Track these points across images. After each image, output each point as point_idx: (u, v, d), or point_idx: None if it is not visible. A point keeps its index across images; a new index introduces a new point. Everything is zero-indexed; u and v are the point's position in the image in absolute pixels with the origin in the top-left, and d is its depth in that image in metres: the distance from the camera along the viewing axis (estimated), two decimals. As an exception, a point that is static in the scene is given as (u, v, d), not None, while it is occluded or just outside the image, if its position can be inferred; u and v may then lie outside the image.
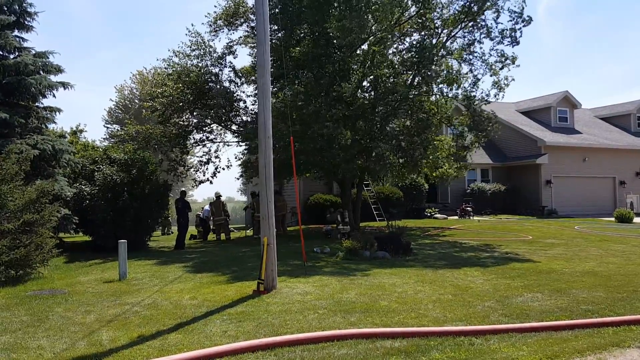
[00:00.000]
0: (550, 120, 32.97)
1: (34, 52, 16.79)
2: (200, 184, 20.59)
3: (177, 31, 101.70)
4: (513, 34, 16.93)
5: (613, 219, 25.52)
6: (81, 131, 33.72)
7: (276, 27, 18.21)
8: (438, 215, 27.45)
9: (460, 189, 30.79)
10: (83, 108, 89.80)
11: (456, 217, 27.59)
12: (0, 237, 10.56)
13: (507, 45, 17.13)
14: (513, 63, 17.08)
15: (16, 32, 16.59)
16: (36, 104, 17.26)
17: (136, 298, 8.68)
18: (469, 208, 27.63)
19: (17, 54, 16.46)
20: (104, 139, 52.55)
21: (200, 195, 69.05)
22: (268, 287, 8.55)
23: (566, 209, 29.75)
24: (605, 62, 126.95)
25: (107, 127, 57.11)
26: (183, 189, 20.85)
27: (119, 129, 55.99)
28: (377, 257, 13.19)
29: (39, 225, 11.33)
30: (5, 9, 16.09)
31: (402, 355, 5.48)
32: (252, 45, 20.43)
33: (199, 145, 20.23)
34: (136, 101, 56.47)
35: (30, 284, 10.46)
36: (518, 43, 17.02)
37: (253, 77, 20.21)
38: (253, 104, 20.46)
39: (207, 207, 21.63)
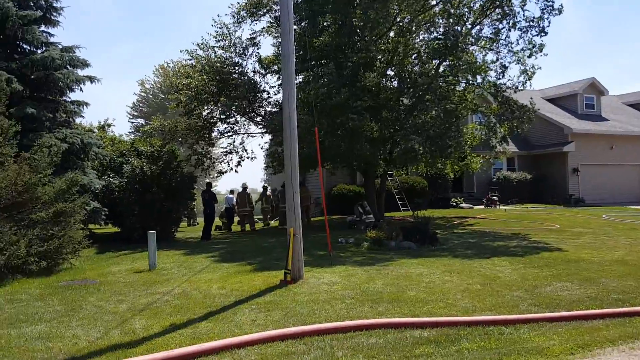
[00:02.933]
0: (577, 107, 32.33)
1: (60, 46, 17.04)
2: (222, 174, 20.75)
3: (197, 25, 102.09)
4: (541, 23, 16.57)
5: (643, 207, 25.06)
6: (109, 125, 34.19)
7: (299, 17, 18.16)
8: (464, 205, 27.20)
9: (486, 178, 30.45)
10: (105, 102, 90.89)
11: (482, 207, 27.33)
12: (32, 228, 10.82)
13: (536, 35, 16.78)
14: (541, 51, 16.72)
15: (43, 28, 16.85)
16: (64, 98, 17.56)
17: (166, 287, 8.83)
18: (495, 197, 27.35)
19: (44, 49, 16.74)
20: (129, 132, 53.33)
21: (223, 187, 69.38)
22: (295, 277, 8.61)
23: (593, 197, 29.24)
24: (631, 48, 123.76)
25: (132, 122, 57.91)
26: (208, 180, 21.01)
27: (143, 123, 56.84)
28: (403, 248, 13.16)
29: (69, 215, 11.57)
30: (32, 4, 16.36)
31: (432, 345, 5.48)
32: (276, 35, 20.43)
33: (223, 136, 20.36)
34: (160, 94, 57.10)
35: (63, 274, 10.71)
36: (546, 33, 16.65)
37: (275, 67, 20.21)
38: (276, 94, 20.51)
39: (229, 195, 21.80)
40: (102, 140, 19.09)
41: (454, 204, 27.64)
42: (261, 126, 20.73)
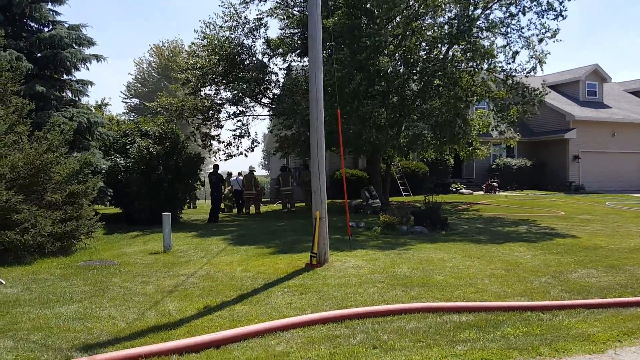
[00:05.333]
0: (579, 94, 32.35)
1: (67, 25, 16.76)
2: (231, 157, 20.49)
3: (191, 5, 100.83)
4: (556, 5, 16.33)
5: (643, 195, 25.29)
6: (106, 105, 33.95)
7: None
8: (464, 191, 27.31)
9: (485, 165, 30.53)
10: (97, 82, 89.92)
11: (482, 193, 27.43)
12: (47, 208, 10.70)
13: (552, 19, 16.53)
14: (554, 36, 16.50)
15: (50, 6, 16.54)
16: (69, 77, 17.33)
17: (188, 270, 8.77)
18: (495, 183, 27.45)
19: (51, 27, 16.46)
20: (124, 112, 52.84)
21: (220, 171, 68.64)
22: (320, 260, 8.58)
23: (593, 184, 29.41)
24: (628, 35, 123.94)
25: (126, 102, 57.33)
26: (216, 162, 20.83)
27: (138, 102, 56.29)
28: (415, 232, 13.15)
29: (83, 196, 11.46)
30: (39, -19, 16.04)
31: (474, 330, 5.46)
32: (282, 17, 20.19)
33: (232, 118, 20.13)
34: (155, 74, 56.47)
35: (78, 254, 10.61)
36: (564, 17, 16.37)
37: (281, 50, 20.01)
38: (284, 78, 20.33)
39: (234, 178, 21.63)
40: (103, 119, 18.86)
41: (454, 189, 27.74)
42: (268, 109, 20.54)
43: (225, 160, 20.40)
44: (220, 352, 4.86)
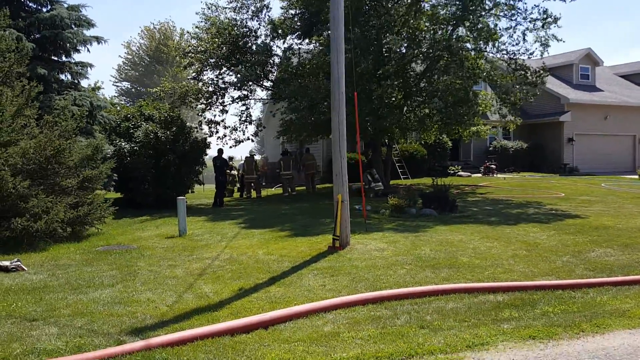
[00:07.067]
0: (572, 77, 32.52)
1: (66, 5, 16.48)
2: (239, 143, 20.34)
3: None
4: None
5: (636, 176, 25.71)
6: (99, 88, 33.44)
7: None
8: (462, 173, 27.45)
9: (482, 147, 30.72)
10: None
11: (479, 175, 27.61)
12: (59, 193, 10.62)
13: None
14: (555, 22, 16.60)
15: (48, -16, 16.25)
16: (68, 59, 17.08)
17: (210, 253, 8.79)
18: (493, 165, 27.66)
19: (49, 7, 16.17)
20: (115, 96, 52.19)
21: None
22: (343, 243, 8.63)
23: (587, 166, 29.77)
24: (610, 19, 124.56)
25: (117, 86, 56.66)
26: (220, 147, 20.72)
27: (129, 86, 55.65)
28: (424, 214, 13.25)
29: (95, 181, 11.39)
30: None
31: (513, 309, 5.56)
32: (284, -1, 19.96)
33: (236, 102, 19.93)
34: (146, 57, 55.79)
35: (93, 240, 10.58)
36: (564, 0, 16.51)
37: (280, 31, 19.80)
38: (283, 59, 20.16)
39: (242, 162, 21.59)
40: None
41: (452, 172, 27.85)
42: (270, 92, 20.38)
43: (235, 146, 20.31)
44: (270, 333, 4.91)
